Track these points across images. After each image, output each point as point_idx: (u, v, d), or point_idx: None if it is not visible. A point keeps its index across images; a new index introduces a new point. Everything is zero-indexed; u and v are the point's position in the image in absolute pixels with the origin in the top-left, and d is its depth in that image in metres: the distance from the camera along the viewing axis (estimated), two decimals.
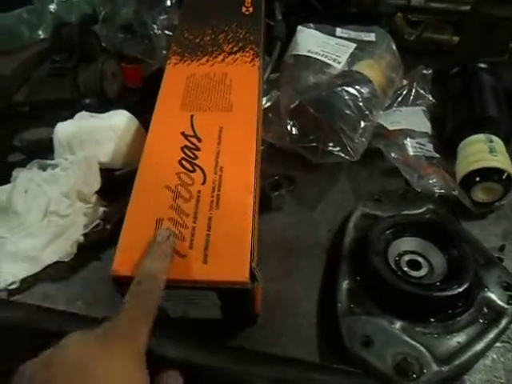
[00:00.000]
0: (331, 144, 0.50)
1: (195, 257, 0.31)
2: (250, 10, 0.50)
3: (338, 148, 0.49)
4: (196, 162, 0.36)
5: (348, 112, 0.50)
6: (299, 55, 0.57)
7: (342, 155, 0.49)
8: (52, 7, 0.66)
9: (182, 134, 0.38)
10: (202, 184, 0.35)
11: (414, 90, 0.62)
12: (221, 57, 0.46)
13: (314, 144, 0.51)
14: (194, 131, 0.38)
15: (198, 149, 0.37)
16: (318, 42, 0.56)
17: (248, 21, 0.49)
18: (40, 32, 0.69)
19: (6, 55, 0.63)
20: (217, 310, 0.34)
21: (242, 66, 0.45)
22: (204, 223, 0.32)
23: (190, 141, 0.37)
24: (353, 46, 0.56)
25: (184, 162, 0.36)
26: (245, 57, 0.46)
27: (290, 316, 0.39)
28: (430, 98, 0.62)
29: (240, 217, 0.33)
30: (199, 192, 0.34)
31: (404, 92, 0.62)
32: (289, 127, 0.53)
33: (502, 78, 0.60)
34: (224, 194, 0.34)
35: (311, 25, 0.61)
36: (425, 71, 0.64)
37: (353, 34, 0.58)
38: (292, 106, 0.53)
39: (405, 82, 0.63)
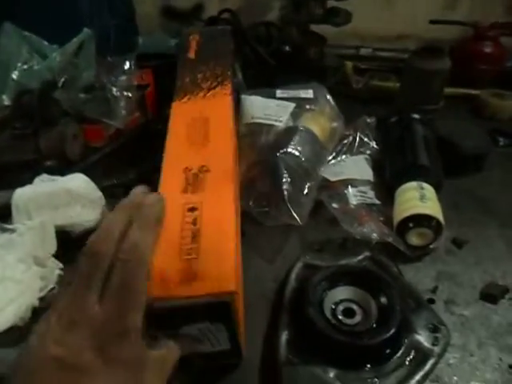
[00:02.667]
0: (280, 211, 0.53)
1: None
2: None
3: (285, 217, 0.52)
4: None
5: (292, 176, 0.53)
6: (247, 124, 0.62)
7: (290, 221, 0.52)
8: (14, 75, 0.70)
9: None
10: None
11: (357, 139, 0.67)
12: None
13: (267, 209, 0.54)
14: None
15: None
16: (260, 106, 0.61)
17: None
18: (4, 97, 0.72)
19: None
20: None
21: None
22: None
23: None
24: (292, 105, 0.60)
25: None
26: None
27: (233, 366, 0.41)
28: (374, 146, 0.67)
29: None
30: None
31: (348, 141, 0.66)
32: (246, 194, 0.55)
33: (436, 125, 0.65)
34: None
35: (252, 91, 0.66)
36: (368, 120, 0.69)
37: (292, 93, 0.63)
38: (247, 176, 0.56)
39: (350, 131, 0.68)
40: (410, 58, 0.71)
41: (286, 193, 0.51)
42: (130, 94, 0.72)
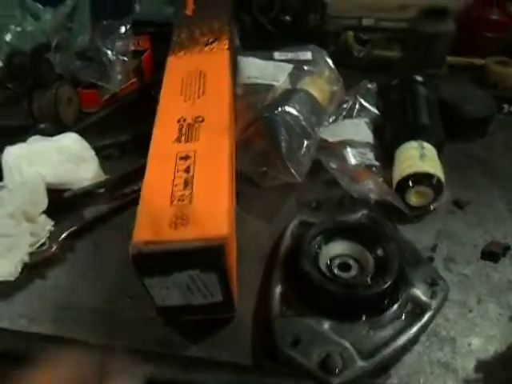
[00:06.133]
0: (278, 169, 0.51)
1: None
2: None
3: (283, 175, 0.51)
4: None
5: (290, 134, 0.51)
6: (244, 84, 0.60)
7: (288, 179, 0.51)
8: (7, 37, 0.68)
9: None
10: None
11: (358, 104, 0.65)
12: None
13: (264, 169, 0.53)
14: None
15: None
16: (257, 67, 0.59)
17: None
18: None
19: None
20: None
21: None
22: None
23: None
24: (290, 66, 0.59)
25: None
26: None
27: (225, 321, 0.40)
28: (375, 111, 0.65)
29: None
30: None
31: (348, 105, 0.65)
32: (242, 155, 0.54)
33: (439, 89, 0.63)
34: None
35: (249, 53, 0.64)
36: (369, 85, 0.67)
37: (290, 55, 0.61)
38: (243, 136, 0.55)
39: (350, 97, 0.66)
40: (413, 21, 0.69)
41: (284, 150, 0.49)
42: (126, 59, 0.70)
